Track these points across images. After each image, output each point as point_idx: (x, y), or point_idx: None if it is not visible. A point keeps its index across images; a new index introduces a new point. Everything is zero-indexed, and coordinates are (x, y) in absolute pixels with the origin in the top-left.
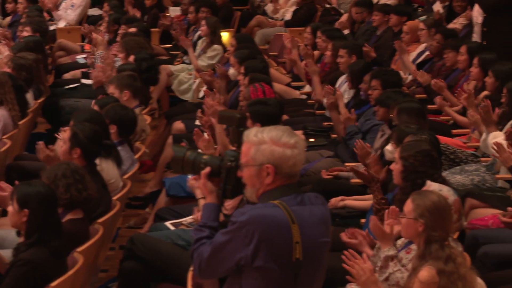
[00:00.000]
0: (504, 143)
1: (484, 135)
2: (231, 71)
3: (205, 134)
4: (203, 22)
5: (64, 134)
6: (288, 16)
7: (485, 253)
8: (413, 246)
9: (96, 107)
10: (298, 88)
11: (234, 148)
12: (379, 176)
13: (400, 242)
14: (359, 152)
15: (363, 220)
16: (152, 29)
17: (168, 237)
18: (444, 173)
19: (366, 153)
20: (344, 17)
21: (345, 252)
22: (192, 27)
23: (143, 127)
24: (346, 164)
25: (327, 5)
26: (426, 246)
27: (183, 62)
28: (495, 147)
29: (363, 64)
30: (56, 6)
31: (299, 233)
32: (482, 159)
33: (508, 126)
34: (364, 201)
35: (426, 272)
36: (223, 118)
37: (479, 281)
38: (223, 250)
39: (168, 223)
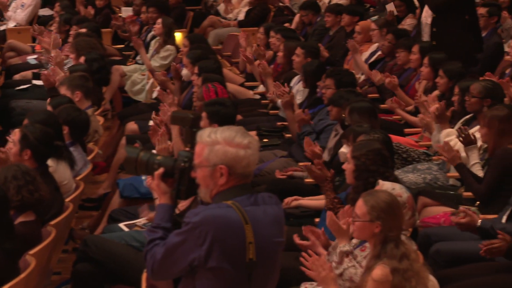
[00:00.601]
0: (453, 141)
1: (435, 132)
2: (184, 71)
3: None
4: (158, 21)
5: (14, 136)
6: (241, 16)
7: (437, 251)
8: (368, 244)
9: (49, 108)
10: (251, 88)
11: (187, 149)
12: (329, 174)
13: (355, 240)
14: (307, 149)
15: (317, 220)
16: (104, 30)
17: (122, 238)
18: (397, 172)
19: (314, 152)
20: (297, 17)
21: (303, 254)
22: (145, 27)
23: (96, 128)
24: (300, 163)
25: (281, 4)
26: (382, 246)
27: (136, 63)
28: (442, 148)
29: (317, 64)
30: (6, 6)
31: (252, 233)
32: (434, 157)
33: (459, 124)
34: (318, 201)
35: (379, 271)
36: (176, 119)
37: (431, 278)
38: (176, 251)
39: (122, 225)
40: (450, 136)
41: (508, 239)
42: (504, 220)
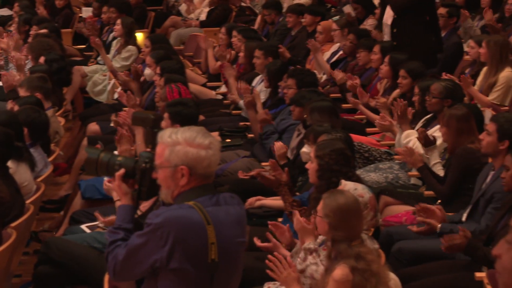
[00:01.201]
0: (412, 141)
1: (399, 135)
2: (147, 71)
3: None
4: (118, 22)
5: None
6: (203, 17)
7: (399, 249)
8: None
9: (16, 107)
10: (213, 88)
11: (149, 150)
12: (283, 179)
13: (319, 239)
14: (277, 152)
15: (280, 219)
16: (65, 30)
17: (84, 240)
18: (359, 171)
19: (283, 154)
20: (259, 17)
21: (269, 256)
22: (106, 28)
23: (57, 129)
24: (263, 163)
25: (243, 4)
26: (333, 245)
27: (97, 63)
28: (403, 152)
29: (280, 64)
30: None
31: (214, 234)
32: (396, 157)
33: (420, 124)
34: (280, 201)
35: (339, 271)
36: (137, 120)
37: (393, 276)
38: (138, 252)
39: (83, 226)
40: (410, 137)
41: (468, 235)
42: (464, 218)
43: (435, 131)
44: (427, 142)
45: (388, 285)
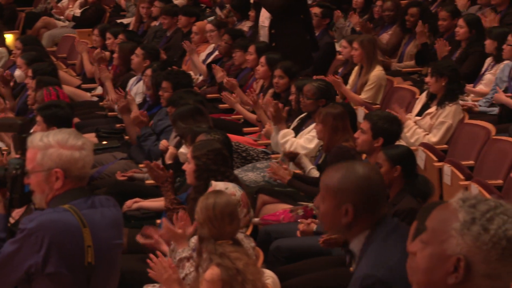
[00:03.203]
0: (290, 142)
1: (274, 134)
2: (17, 72)
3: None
4: None
5: None
6: (75, 17)
7: (277, 248)
8: None
9: None
10: (89, 90)
11: (18, 156)
12: (169, 175)
13: (193, 242)
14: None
15: (158, 221)
16: None
17: None
18: (237, 171)
19: (171, 154)
20: (134, 19)
21: (151, 256)
22: None
23: None
24: (141, 165)
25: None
26: (200, 243)
27: None
28: (270, 170)
29: (161, 65)
30: None
31: (90, 237)
32: (273, 156)
33: (295, 122)
34: (158, 202)
35: (210, 271)
36: (4, 126)
37: (271, 274)
38: (13, 259)
39: None
40: (287, 137)
41: None
42: None
43: (311, 131)
44: (292, 157)
45: (256, 283)
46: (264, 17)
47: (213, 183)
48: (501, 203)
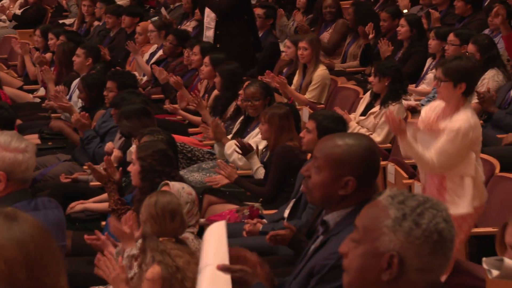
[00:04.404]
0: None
1: (219, 148)
2: None
3: None
4: None
5: None
6: (16, 18)
7: None
8: None
9: None
10: (31, 91)
11: None
12: (115, 177)
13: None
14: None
15: (103, 223)
16: None
17: None
18: (182, 172)
19: (118, 157)
20: (77, 19)
21: (98, 256)
22: None
23: None
24: (85, 167)
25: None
26: (143, 241)
27: None
28: (221, 166)
29: (103, 65)
30: None
31: None
32: (218, 156)
33: (237, 125)
34: (103, 203)
35: (151, 269)
36: None
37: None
38: None
39: None
40: (232, 147)
41: (293, 229)
42: (286, 214)
43: (257, 133)
44: (245, 151)
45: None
46: (210, 18)
47: (170, 183)
48: (428, 198)
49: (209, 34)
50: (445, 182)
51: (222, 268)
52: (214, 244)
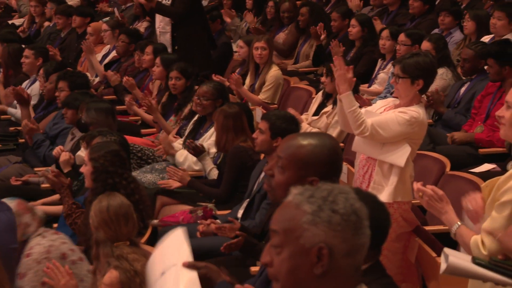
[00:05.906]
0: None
1: (170, 159)
2: None
3: None
4: None
5: None
6: None
7: None
8: None
9: None
10: None
11: None
12: (66, 182)
13: None
14: (61, 159)
15: (55, 225)
16: None
17: None
18: (135, 173)
19: (67, 161)
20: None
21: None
22: None
23: None
24: (36, 169)
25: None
26: (96, 247)
27: None
28: (171, 173)
29: (55, 65)
30: None
31: None
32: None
33: (190, 125)
34: (55, 207)
35: (108, 274)
36: None
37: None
38: None
39: None
40: (184, 154)
41: (237, 226)
42: (240, 214)
43: (211, 134)
44: (198, 152)
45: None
46: (164, 22)
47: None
48: (333, 185)
49: (165, 38)
50: (375, 167)
51: (188, 265)
52: (175, 247)
